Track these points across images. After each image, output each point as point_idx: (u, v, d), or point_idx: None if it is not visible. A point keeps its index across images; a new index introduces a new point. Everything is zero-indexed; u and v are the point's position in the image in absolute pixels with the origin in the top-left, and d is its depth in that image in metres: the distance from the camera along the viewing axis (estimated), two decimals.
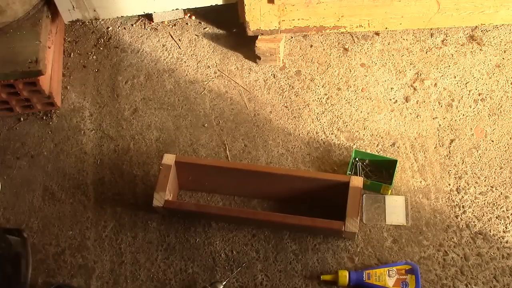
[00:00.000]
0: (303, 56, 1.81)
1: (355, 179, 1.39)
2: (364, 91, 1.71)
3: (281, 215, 1.41)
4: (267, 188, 1.48)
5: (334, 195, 1.40)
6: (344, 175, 1.44)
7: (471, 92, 1.69)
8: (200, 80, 1.79)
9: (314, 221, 1.37)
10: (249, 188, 1.51)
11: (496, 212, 1.47)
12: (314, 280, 1.38)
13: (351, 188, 1.38)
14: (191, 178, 1.50)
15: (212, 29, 1.91)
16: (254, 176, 1.45)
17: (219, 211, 1.44)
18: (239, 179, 1.47)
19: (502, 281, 1.36)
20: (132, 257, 1.46)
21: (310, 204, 1.47)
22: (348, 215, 1.35)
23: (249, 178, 1.46)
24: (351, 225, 1.34)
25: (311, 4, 1.66)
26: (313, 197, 1.46)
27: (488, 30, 1.80)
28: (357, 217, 1.35)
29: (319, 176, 1.44)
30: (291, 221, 1.38)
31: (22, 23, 1.71)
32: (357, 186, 1.38)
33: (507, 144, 1.58)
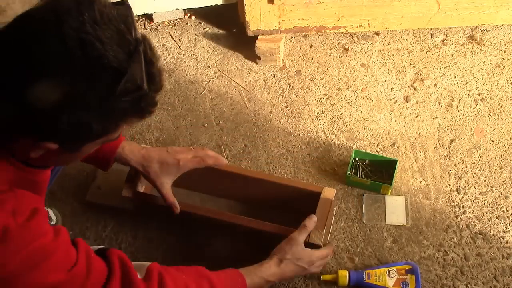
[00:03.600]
0: (303, 56, 1.81)
1: (327, 190, 1.34)
2: (364, 91, 1.71)
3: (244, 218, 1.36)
4: (241, 190, 1.46)
5: (307, 205, 1.35)
6: (318, 186, 1.39)
7: (471, 92, 1.69)
8: (200, 80, 1.79)
9: (268, 226, 1.33)
10: (223, 188, 1.48)
11: (496, 212, 1.47)
12: (314, 280, 1.38)
13: (321, 199, 1.33)
14: None
15: (212, 29, 1.91)
16: (227, 176, 1.42)
17: (186, 208, 1.38)
18: (215, 178, 1.44)
19: (502, 281, 1.36)
20: (132, 257, 1.46)
21: (283, 211, 1.44)
22: (314, 227, 1.29)
23: (223, 178, 1.43)
24: (316, 237, 1.29)
25: (311, 4, 1.66)
26: (286, 204, 1.43)
27: (488, 30, 1.80)
28: (323, 229, 1.29)
29: (291, 184, 1.39)
30: (252, 225, 1.34)
31: None
32: (328, 198, 1.33)
33: (507, 144, 1.58)
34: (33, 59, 0.79)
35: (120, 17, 0.84)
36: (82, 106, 0.81)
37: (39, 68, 0.78)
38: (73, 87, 0.79)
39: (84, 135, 0.86)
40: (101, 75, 0.80)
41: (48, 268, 0.89)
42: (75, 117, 0.81)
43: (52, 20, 0.79)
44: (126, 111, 0.86)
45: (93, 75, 0.79)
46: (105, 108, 0.82)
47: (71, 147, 0.89)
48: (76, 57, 0.78)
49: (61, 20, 0.78)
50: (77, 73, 0.78)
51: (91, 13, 0.79)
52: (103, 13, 0.81)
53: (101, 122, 0.84)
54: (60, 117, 0.80)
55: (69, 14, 0.79)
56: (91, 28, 0.78)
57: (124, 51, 0.81)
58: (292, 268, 1.24)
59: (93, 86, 0.80)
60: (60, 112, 0.80)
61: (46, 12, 0.80)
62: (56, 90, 0.78)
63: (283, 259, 1.24)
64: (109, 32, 0.80)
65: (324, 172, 1.56)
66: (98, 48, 0.78)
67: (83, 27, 0.78)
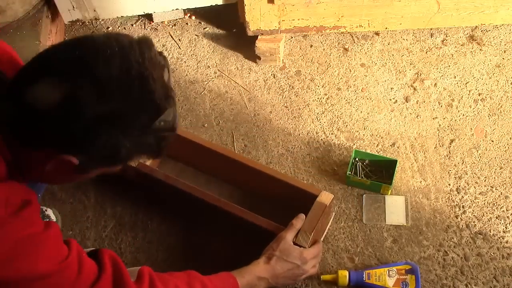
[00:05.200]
0: (303, 56, 1.81)
1: (325, 195, 1.35)
2: (364, 91, 1.71)
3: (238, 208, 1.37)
4: (245, 179, 1.48)
5: (304, 205, 1.35)
6: (317, 189, 1.40)
7: (471, 92, 1.69)
8: (200, 80, 1.79)
9: (261, 221, 1.34)
10: (229, 174, 1.51)
11: (496, 212, 1.47)
12: (314, 280, 1.38)
13: (316, 203, 1.33)
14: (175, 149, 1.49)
15: (212, 29, 1.91)
16: (235, 164, 1.44)
17: (185, 188, 1.41)
18: (222, 163, 1.47)
19: (502, 281, 1.36)
20: (132, 257, 1.46)
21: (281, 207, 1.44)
22: (302, 229, 1.30)
23: (230, 165, 1.45)
24: (302, 238, 1.29)
25: (311, 4, 1.66)
26: (285, 201, 1.43)
27: (488, 30, 1.80)
28: (311, 233, 1.29)
29: (292, 182, 1.40)
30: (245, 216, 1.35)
31: (22, 23, 1.71)
32: (323, 202, 1.33)
33: (507, 144, 1.58)
34: (97, 78, 0.84)
35: (162, 64, 0.92)
36: (124, 131, 0.88)
37: (100, 87, 0.84)
38: (123, 111, 0.86)
39: (108, 158, 0.92)
40: (147, 108, 0.88)
41: (38, 257, 0.90)
42: (113, 139, 0.87)
43: (116, 48, 0.86)
44: (150, 146, 0.93)
45: (142, 106, 0.87)
46: (138, 138, 0.90)
47: (88, 166, 0.92)
48: (134, 87, 0.86)
49: (126, 52, 0.86)
50: (131, 100, 0.86)
51: (148, 53, 0.88)
52: (156, 56, 0.90)
53: (128, 150, 0.90)
54: (101, 134, 0.86)
55: (132, 49, 0.87)
56: (149, 66, 0.87)
57: (165, 92, 0.90)
58: (282, 264, 1.25)
59: (139, 115, 0.88)
60: (104, 129, 0.86)
61: (108, 41, 0.87)
62: (108, 110, 0.85)
63: (272, 256, 1.25)
64: (158, 74, 0.89)
65: (324, 172, 1.56)
66: (151, 84, 0.87)
67: (143, 62, 0.87)
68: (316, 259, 1.32)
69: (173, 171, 1.55)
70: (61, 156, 0.87)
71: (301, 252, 1.27)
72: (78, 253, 0.97)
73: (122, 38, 0.88)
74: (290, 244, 1.27)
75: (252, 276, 1.22)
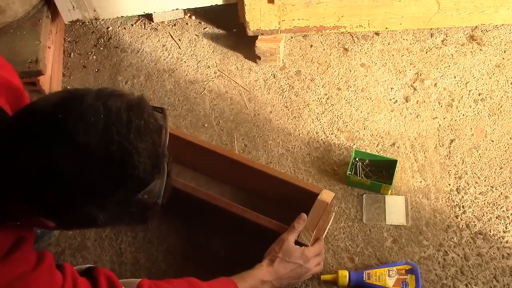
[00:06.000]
0: (303, 56, 1.81)
1: (326, 193, 1.35)
2: (364, 91, 1.71)
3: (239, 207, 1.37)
4: (245, 179, 1.48)
5: (305, 204, 1.36)
6: (318, 187, 1.40)
7: (471, 92, 1.69)
8: (200, 80, 1.79)
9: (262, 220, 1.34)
10: (228, 175, 1.50)
11: (496, 212, 1.47)
12: (314, 280, 1.38)
13: (318, 201, 1.33)
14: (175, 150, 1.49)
15: (212, 29, 1.91)
16: (234, 164, 1.44)
17: (186, 188, 1.41)
18: (222, 164, 1.47)
19: (502, 281, 1.36)
20: (132, 257, 1.46)
21: (282, 206, 1.44)
22: (304, 227, 1.30)
23: (230, 165, 1.45)
24: (304, 237, 1.30)
25: (311, 4, 1.66)
26: (286, 200, 1.44)
27: (488, 30, 1.80)
28: (313, 231, 1.30)
29: (293, 181, 1.40)
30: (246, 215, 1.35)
31: (22, 23, 1.71)
32: (324, 200, 1.33)
33: (507, 144, 1.58)
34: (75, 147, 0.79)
35: (157, 127, 0.86)
36: (99, 203, 0.82)
37: (76, 155, 0.79)
38: (99, 184, 0.81)
39: (86, 224, 0.89)
40: (127, 183, 0.82)
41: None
42: (87, 209, 0.82)
43: (101, 114, 0.80)
44: (133, 216, 0.88)
45: (120, 181, 0.82)
46: (117, 210, 0.85)
47: (67, 227, 0.92)
48: (113, 162, 0.80)
49: (110, 121, 0.80)
50: (108, 174, 0.80)
51: (138, 122, 0.82)
52: (147, 123, 0.84)
53: (107, 219, 0.85)
54: (74, 205, 0.82)
55: (118, 118, 0.81)
56: (134, 138, 0.81)
57: (152, 163, 0.84)
58: (285, 265, 1.25)
59: (116, 190, 0.82)
60: (76, 201, 0.82)
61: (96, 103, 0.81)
62: (82, 181, 0.80)
63: (274, 259, 1.25)
64: (146, 144, 0.83)
65: (324, 172, 1.56)
66: (134, 159, 0.81)
67: (128, 135, 0.81)
68: (319, 257, 1.32)
69: (173, 172, 1.54)
70: (38, 218, 0.85)
71: (303, 251, 1.28)
72: (73, 279, 0.97)
73: (112, 102, 0.82)
74: (292, 245, 1.27)
75: (255, 280, 1.22)
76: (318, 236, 1.35)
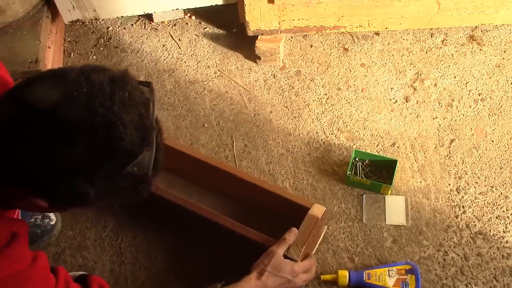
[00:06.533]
0: (303, 56, 1.81)
1: (317, 207, 1.33)
2: (364, 91, 1.71)
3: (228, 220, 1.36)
4: (236, 191, 1.46)
5: (296, 217, 1.34)
6: (309, 201, 1.40)
7: (471, 92, 1.69)
8: (200, 80, 1.79)
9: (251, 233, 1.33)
10: (220, 185, 1.49)
11: (496, 212, 1.47)
12: (314, 280, 1.38)
13: (308, 215, 1.32)
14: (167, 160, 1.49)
15: (212, 29, 1.91)
16: (225, 176, 1.43)
17: (175, 199, 1.39)
18: (213, 175, 1.46)
19: (502, 281, 1.36)
20: (132, 257, 1.46)
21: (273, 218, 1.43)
22: (294, 242, 1.29)
23: (221, 176, 1.44)
24: (293, 251, 1.28)
25: (311, 4, 1.66)
26: (277, 213, 1.42)
27: (488, 30, 1.80)
28: (303, 245, 1.28)
29: (284, 194, 1.39)
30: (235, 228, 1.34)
31: (22, 23, 1.71)
32: (315, 215, 1.32)
33: (507, 144, 1.58)
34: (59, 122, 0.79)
35: (143, 100, 0.85)
36: (87, 178, 0.82)
37: (60, 131, 0.79)
38: (86, 158, 0.80)
39: (78, 202, 0.87)
40: (114, 155, 0.81)
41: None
42: (76, 185, 0.82)
43: (84, 89, 0.80)
44: (124, 190, 0.87)
45: (107, 154, 0.81)
46: (106, 186, 0.84)
47: (59, 207, 0.90)
48: (98, 134, 0.79)
49: (93, 94, 0.80)
50: (94, 148, 0.80)
51: (122, 94, 0.81)
52: (131, 95, 0.83)
53: (98, 195, 0.84)
54: (63, 182, 0.81)
55: (101, 90, 0.80)
56: (118, 110, 0.80)
57: (140, 135, 0.83)
58: (274, 279, 1.24)
59: (104, 163, 0.81)
60: (65, 177, 0.81)
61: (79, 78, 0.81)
62: (69, 156, 0.79)
63: (263, 272, 1.23)
64: (131, 116, 0.82)
65: (324, 172, 1.56)
66: (120, 131, 0.80)
67: (112, 107, 0.80)
68: (308, 274, 1.31)
69: (164, 182, 1.53)
70: (29, 198, 0.84)
71: (292, 266, 1.26)
72: (66, 283, 0.96)
73: (94, 77, 0.81)
74: (281, 259, 1.26)
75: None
76: (308, 251, 1.34)
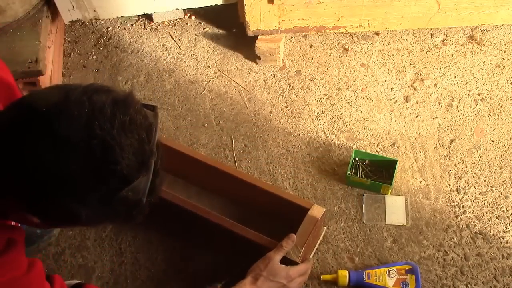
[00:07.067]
0: (303, 56, 1.81)
1: (316, 208, 1.33)
2: (364, 91, 1.71)
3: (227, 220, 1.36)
4: (236, 192, 1.46)
5: (296, 218, 1.34)
6: (309, 202, 1.39)
7: (471, 92, 1.69)
8: (200, 80, 1.79)
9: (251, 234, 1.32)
10: (220, 186, 1.49)
11: (496, 212, 1.47)
12: (314, 280, 1.38)
13: (308, 216, 1.32)
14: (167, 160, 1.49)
15: (212, 29, 1.91)
16: (225, 176, 1.43)
17: (175, 200, 1.39)
18: (213, 175, 1.46)
19: (502, 281, 1.36)
20: (132, 257, 1.46)
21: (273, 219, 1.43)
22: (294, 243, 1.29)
23: (221, 177, 1.44)
24: (293, 253, 1.28)
25: (311, 4, 1.66)
26: (277, 214, 1.42)
27: (488, 30, 1.80)
28: (302, 246, 1.28)
29: (283, 195, 1.39)
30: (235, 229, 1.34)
31: (22, 23, 1.71)
32: (314, 216, 1.32)
33: (507, 144, 1.58)
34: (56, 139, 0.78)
35: (145, 124, 0.84)
36: (80, 200, 0.80)
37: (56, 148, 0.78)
38: (80, 179, 0.79)
39: (68, 221, 0.87)
40: (109, 180, 0.80)
41: None
42: (68, 205, 0.80)
43: (85, 109, 0.79)
44: (117, 214, 0.86)
45: (102, 177, 0.80)
46: (99, 209, 0.82)
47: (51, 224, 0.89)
48: (94, 157, 0.78)
49: (93, 114, 0.79)
50: (89, 170, 0.78)
51: (122, 117, 0.80)
52: (133, 119, 0.81)
53: (90, 216, 0.83)
54: (55, 200, 0.80)
55: (102, 112, 0.79)
56: (117, 133, 0.79)
57: (138, 160, 0.81)
58: (269, 284, 1.24)
59: (98, 187, 0.80)
60: (57, 195, 0.79)
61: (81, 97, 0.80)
62: (62, 175, 0.78)
63: (259, 277, 1.23)
64: (131, 140, 0.80)
65: (324, 172, 1.56)
66: (117, 154, 0.79)
67: (111, 131, 0.79)
68: (303, 277, 1.31)
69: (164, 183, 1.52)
70: (22, 213, 0.84)
71: (288, 271, 1.26)
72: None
73: (97, 98, 0.80)
74: (277, 264, 1.25)
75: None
76: (307, 253, 1.34)
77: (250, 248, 1.33)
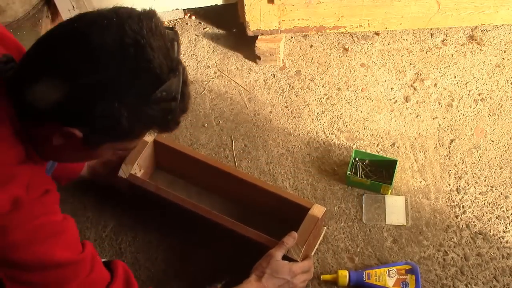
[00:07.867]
0: (303, 56, 1.81)
1: (317, 208, 1.33)
2: (364, 91, 1.72)
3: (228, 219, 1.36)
4: (236, 192, 1.46)
5: (296, 217, 1.34)
6: (309, 201, 1.40)
7: (471, 92, 1.69)
8: (200, 80, 1.79)
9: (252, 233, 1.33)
10: (220, 186, 1.49)
11: (496, 212, 1.47)
12: (314, 280, 1.38)
13: (308, 216, 1.32)
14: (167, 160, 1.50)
15: (212, 29, 1.91)
16: (225, 176, 1.43)
17: (175, 199, 1.40)
18: (213, 176, 1.46)
19: (502, 281, 1.36)
20: (132, 257, 1.46)
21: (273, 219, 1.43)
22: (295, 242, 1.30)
23: (221, 177, 1.44)
24: (294, 252, 1.29)
25: (311, 4, 1.66)
26: (277, 213, 1.42)
27: (488, 30, 1.80)
28: (303, 245, 1.29)
29: (284, 195, 1.39)
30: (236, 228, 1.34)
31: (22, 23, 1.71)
32: (315, 215, 1.32)
33: (507, 144, 1.58)
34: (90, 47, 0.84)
35: (170, 37, 0.90)
36: (120, 99, 0.85)
37: (93, 55, 0.84)
38: (117, 79, 0.84)
39: (111, 130, 0.90)
40: (144, 77, 0.85)
41: (57, 245, 0.92)
42: (110, 107, 0.85)
43: (114, 18, 0.85)
44: (153, 119, 0.91)
45: (137, 74, 0.85)
46: (137, 109, 0.87)
47: (93, 140, 0.92)
48: (128, 54, 0.84)
49: (122, 20, 0.85)
50: (125, 68, 0.84)
51: (148, 23, 0.86)
52: (158, 26, 0.88)
53: (129, 121, 0.87)
54: (97, 104, 0.85)
55: (130, 18, 0.86)
56: (147, 35, 0.85)
57: (167, 64, 0.87)
58: (273, 281, 1.25)
59: (134, 84, 0.85)
60: (99, 99, 0.85)
61: (108, 12, 0.87)
62: (101, 78, 0.84)
63: (262, 274, 1.24)
64: (159, 43, 0.86)
65: (324, 172, 1.56)
66: (149, 53, 0.84)
67: (140, 31, 0.85)
68: (306, 275, 1.31)
69: (164, 183, 1.53)
70: (64, 129, 0.87)
71: (291, 267, 1.27)
72: (92, 254, 0.99)
73: (123, 10, 0.88)
74: (279, 261, 1.27)
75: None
76: (307, 252, 1.35)
77: (251, 247, 1.33)
